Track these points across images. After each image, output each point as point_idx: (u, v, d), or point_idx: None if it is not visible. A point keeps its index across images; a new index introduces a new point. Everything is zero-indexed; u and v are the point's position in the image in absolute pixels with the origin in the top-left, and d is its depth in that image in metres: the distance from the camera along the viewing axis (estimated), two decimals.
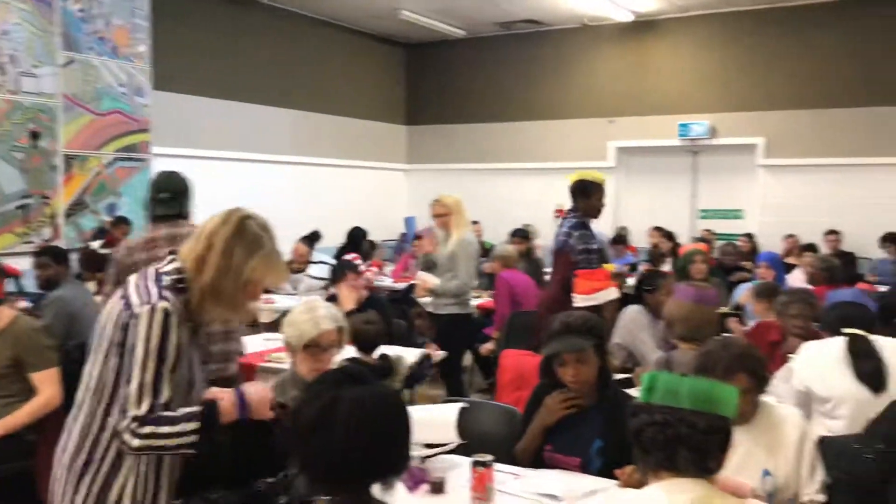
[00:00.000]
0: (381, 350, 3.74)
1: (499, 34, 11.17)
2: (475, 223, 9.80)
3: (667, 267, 7.67)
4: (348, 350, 3.33)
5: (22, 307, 4.71)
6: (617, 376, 3.42)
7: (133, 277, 2.04)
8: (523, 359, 4.10)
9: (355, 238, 8.29)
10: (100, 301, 3.49)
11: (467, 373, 6.39)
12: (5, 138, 6.81)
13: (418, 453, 2.61)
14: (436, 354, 4.93)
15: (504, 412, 3.14)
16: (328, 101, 10.46)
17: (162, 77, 8.05)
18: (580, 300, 4.30)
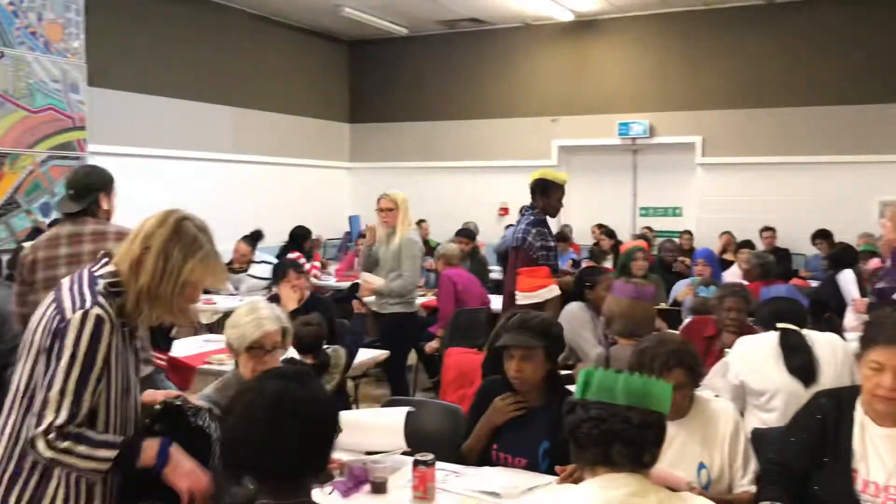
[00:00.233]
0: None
1: (442, 32, 11.18)
2: (422, 222, 9.81)
3: (608, 264, 7.80)
4: (290, 351, 3.29)
5: None
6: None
7: (65, 281, 1.99)
8: (466, 357, 4.12)
9: (298, 237, 8.21)
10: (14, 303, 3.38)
11: (412, 372, 6.38)
12: None
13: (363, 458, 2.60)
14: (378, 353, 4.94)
15: (447, 411, 3.15)
16: (269, 99, 10.33)
17: (97, 73, 7.84)
18: (522, 298, 4.34)
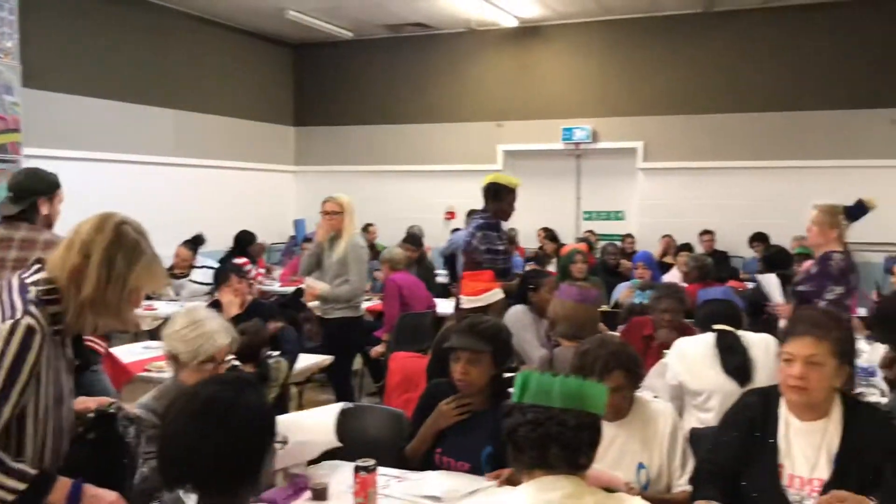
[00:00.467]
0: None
1: (388, 36, 11.17)
2: (370, 226, 9.79)
3: (552, 267, 7.88)
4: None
5: None
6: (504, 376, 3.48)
7: None
8: (411, 361, 4.12)
9: (243, 242, 8.09)
10: None
11: (357, 376, 6.36)
12: None
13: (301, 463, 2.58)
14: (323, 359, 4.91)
15: (390, 415, 3.14)
16: (213, 102, 10.19)
17: (33, 74, 7.61)
18: (466, 301, 4.35)
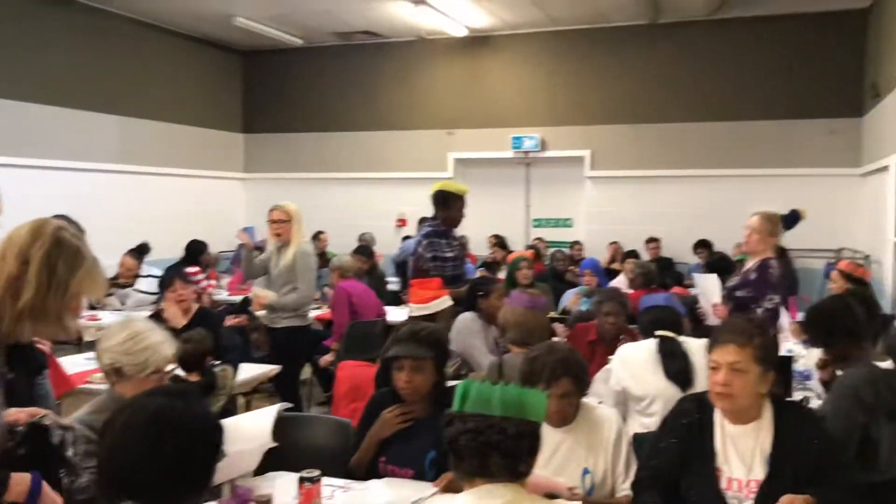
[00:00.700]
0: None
1: (338, 44, 11.13)
2: (321, 234, 9.72)
3: (503, 274, 7.93)
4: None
5: None
6: (451, 383, 3.49)
7: None
8: (359, 370, 4.09)
9: (194, 252, 7.93)
10: None
11: (306, 386, 6.31)
12: None
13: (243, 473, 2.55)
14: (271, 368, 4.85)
15: (336, 425, 3.12)
16: (159, 108, 10.02)
17: None
18: (415, 310, 4.36)
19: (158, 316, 4.54)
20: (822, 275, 7.93)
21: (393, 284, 8.40)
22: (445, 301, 4.43)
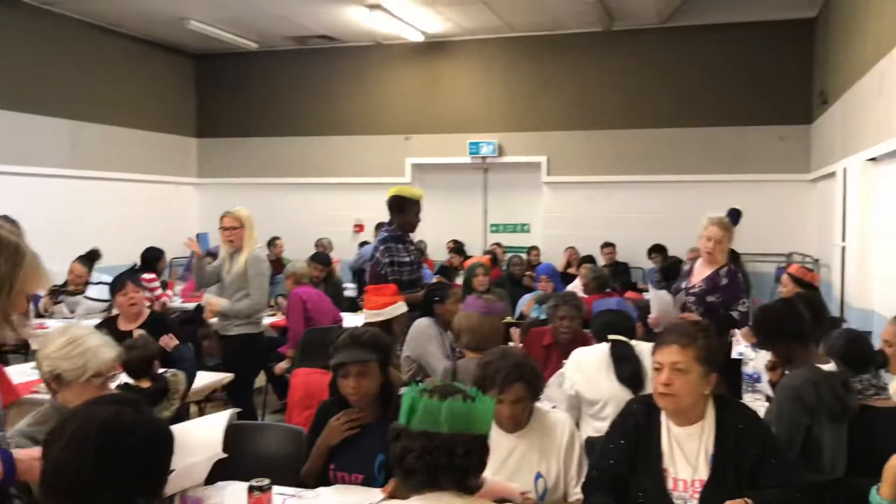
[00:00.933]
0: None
1: (293, 48, 11.06)
2: (276, 239, 9.62)
3: (460, 280, 7.95)
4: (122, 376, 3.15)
5: None
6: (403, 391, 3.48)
7: None
8: (313, 377, 4.06)
9: (150, 259, 7.76)
10: None
11: (262, 393, 6.23)
12: None
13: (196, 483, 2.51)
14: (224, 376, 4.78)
15: (289, 433, 3.09)
16: (110, 112, 9.84)
17: None
18: (370, 316, 4.34)
19: (109, 323, 4.45)
20: (773, 278, 8.09)
21: (350, 291, 8.35)
22: (400, 307, 4.41)
